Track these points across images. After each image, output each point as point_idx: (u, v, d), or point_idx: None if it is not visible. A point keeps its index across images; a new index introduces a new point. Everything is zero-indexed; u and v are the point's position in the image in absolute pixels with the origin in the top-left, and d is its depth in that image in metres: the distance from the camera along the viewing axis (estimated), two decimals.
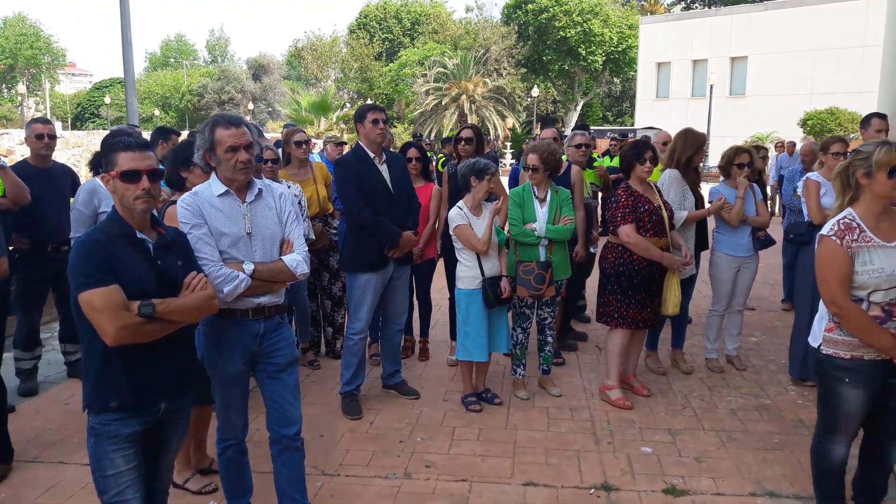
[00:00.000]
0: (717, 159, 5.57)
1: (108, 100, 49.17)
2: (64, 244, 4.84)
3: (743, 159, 5.11)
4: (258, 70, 57.62)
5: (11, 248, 4.68)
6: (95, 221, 4.27)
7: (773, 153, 14.28)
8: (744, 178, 5.08)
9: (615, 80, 46.14)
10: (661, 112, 33.03)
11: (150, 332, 2.40)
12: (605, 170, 6.39)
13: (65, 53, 63.10)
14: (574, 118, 42.62)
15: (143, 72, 65.99)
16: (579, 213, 5.38)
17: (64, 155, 19.51)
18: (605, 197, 6.51)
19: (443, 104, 37.30)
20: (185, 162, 3.44)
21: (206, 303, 2.56)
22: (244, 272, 2.82)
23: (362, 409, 4.54)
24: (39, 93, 57.06)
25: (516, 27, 42.08)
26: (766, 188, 7.74)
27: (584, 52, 41.09)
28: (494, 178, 4.63)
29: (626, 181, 4.73)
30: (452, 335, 5.46)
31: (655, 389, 4.96)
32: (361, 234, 4.40)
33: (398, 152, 5.18)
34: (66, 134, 24.17)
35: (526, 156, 4.87)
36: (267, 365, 3.00)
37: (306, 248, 3.06)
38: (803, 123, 25.77)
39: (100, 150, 4.22)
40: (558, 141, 6.03)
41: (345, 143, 7.42)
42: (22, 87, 44.87)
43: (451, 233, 4.61)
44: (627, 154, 4.70)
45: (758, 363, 5.56)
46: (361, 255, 4.43)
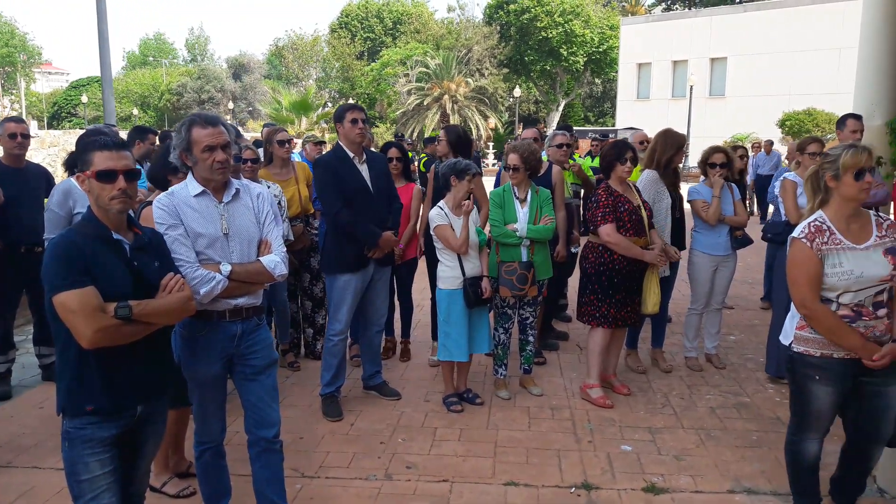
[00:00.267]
0: (697, 159, 5.62)
1: (85, 99, 48.53)
2: (38, 245, 4.77)
3: (716, 159, 5.16)
4: (238, 69, 57.17)
5: None
6: (70, 223, 4.21)
7: (751, 153, 14.41)
8: (719, 177, 5.13)
9: (596, 80, 46.38)
10: (641, 113, 33.22)
11: (127, 335, 2.37)
12: (579, 166, 6.41)
13: (40, 52, 62.14)
14: (556, 118, 42.80)
15: (122, 70, 65.20)
16: (560, 213, 5.40)
17: (40, 155, 19.24)
18: (587, 194, 6.53)
19: (425, 104, 37.27)
20: (175, 169, 3.38)
21: (184, 304, 2.53)
22: (221, 273, 2.79)
23: (343, 410, 4.51)
24: (14, 91, 56.13)
25: (498, 27, 42.15)
26: (745, 188, 7.80)
27: (565, 53, 41.26)
28: (476, 181, 4.63)
29: (605, 181, 4.75)
30: (434, 336, 5.45)
31: (635, 388, 4.98)
32: (341, 235, 4.37)
33: (379, 152, 5.16)
34: (42, 133, 23.84)
35: (506, 156, 4.88)
36: (244, 367, 2.97)
37: (284, 248, 3.03)
38: (781, 124, 26.07)
39: (75, 149, 4.15)
40: (539, 141, 6.05)
41: (324, 143, 7.38)
42: None
43: (431, 232, 4.60)
44: (608, 154, 4.72)
45: (736, 361, 5.61)
46: (341, 256, 4.40)
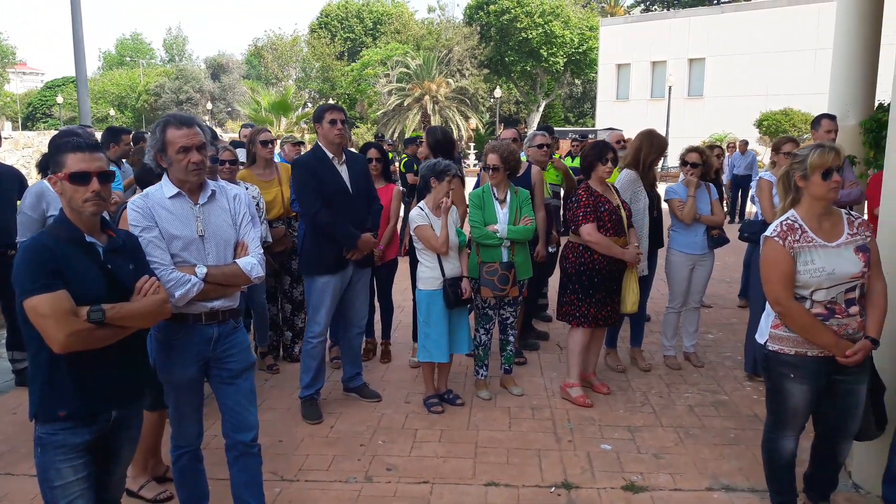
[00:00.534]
0: (676, 160, 5.66)
1: (60, 99, 47.85)
2: (10, 248, 4.68)
3: (690, 158, 5.21)
4: (217, 69, 56.67)
5: None
6: (44, 225, 4.15)
7: (727, 153, 14.53)
8: (693, 177, 5.18)
9: (576, 81, 46.57)
10: (621, 113, 33.43)
11: (101, 339, 2.34)
12: (566, 167, 6.45)
13: (14, 52, 61.22)
14: (537, 119, 42.95)
15: (98, 71, 64.39)
16: (540, 213, 5.41)
17: (14, 156, 18.93)
18: (567, 194, 6.58)
19: (406, 105, 37.22)
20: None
21: (159, 307, 2.51)
22: (196, 276, 2.76)
23: (322, 413, 4.49)
24: None
25: (478, 28, 42.19)
26: (722, 187, 7.88)
27: (545, 54, 41.41)
28: (455, 183, 4.63)
29: (586, 181, 4.77)
30: (415, 337, 5.45)
31: (615, 387, 5.01)
32: (319, 236, 4.35)
33: (359, 153, 5.14)
34: (16, 134, 23.46)
35: (485, 156, 4.88)
36: (221, 370, 2.94)
37: (261, 250, 3.01)
38: (759, 124, 26.40)
39: (47, 150, 4.09)
40: (518, 141, 6.06)
41: (303, 143, 7.33)
42: None
43: (411, 233, 4.59)
44: (589, 154, 4.74)
45: (714, 360, 5.66)
46: (320, 258, 4.37)
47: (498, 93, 39.30)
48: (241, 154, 5.45)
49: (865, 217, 4.99)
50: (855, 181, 5.49)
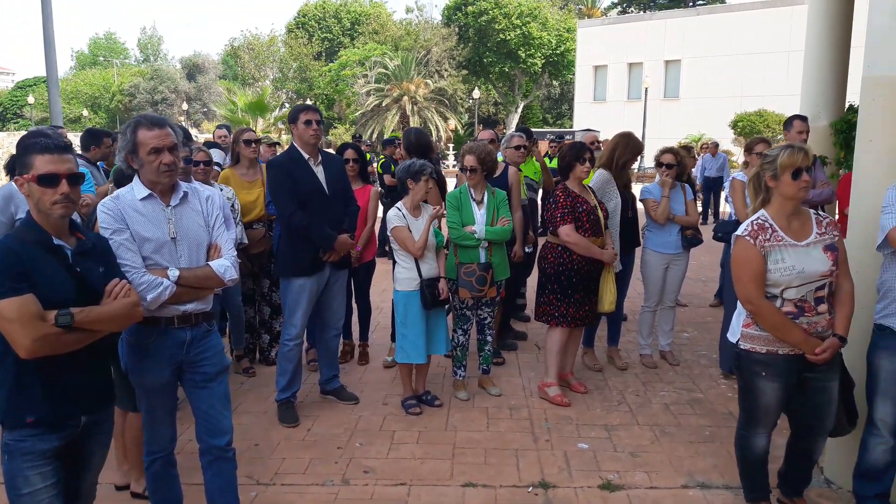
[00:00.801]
0: (652, 161, 5.71)
1: (31, 99, 47.14)
2: None
3: (664, 159, 5.27)
4: (193, 69, 56.11)
5: None
6: (12, 228, 4.07)
7: (700, 155, 14.68)
8: (668, 177, 5.24)
9: (554, 82, 46.80)
10: (598, 114, 33.68)
11: (69, 343, 2.30)
12: (544, 165, 6.48)
13: None
14: (515, 120, 43.09)
15: (71, 71, 63.48)
16: (517, 214, 5.43)
17: None
18: (545, 190, 6.63)
19: (384, 105, 37.14)
20: None
21: (130, 311, 2.47)
22: (169, 279, 2.73)
23: (299, 416, 4.45)
24: None
25: (456, 29, 42.25)
26: (695, 188, 7.97)
27: (523, 55, 41.57)
28: (432, 184, 4.62)
29: (563, 182, 4.79)
30: (393, 337, 5.43)
31: (592, 386, 5.04)
32: (295, 238, 4.32)
33: (335, 153, 5.12)
34: None
35: (462, 157, 4.88)
36: (194, 374, 2.90)
37: (235, 252, 2.98)
38: (734, 125, 26.72)
39: (15, 151, 4.01)
40: (496, 142, 6.08)
41: (278, 144, 7.27)
42: None
43: (388, 234, 4.58)
44: (567, 155, 4.76)
45: (690, 358, 5.72)
46: (295, 259, 4.34)
47: (476, 94, 39.37)
48: (216, 155, 5.40)
49: (837, 217, 5.09)
50: (826, 181, 5.57)
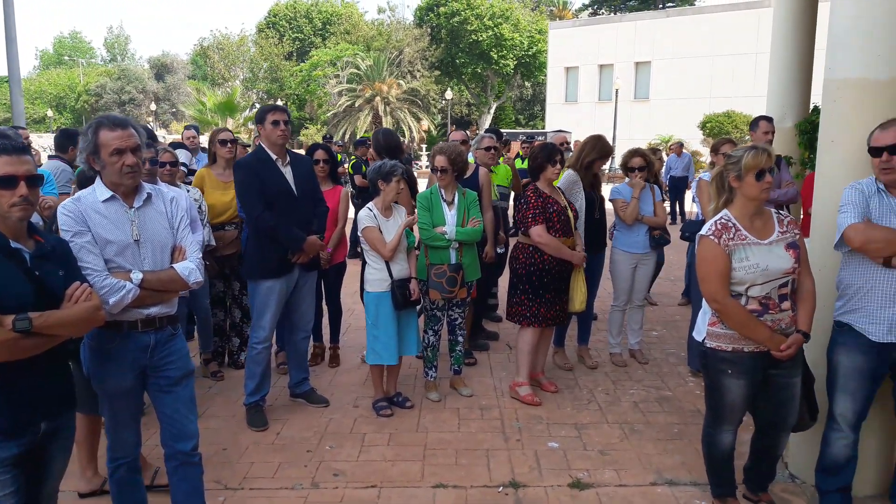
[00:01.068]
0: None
1: None
2: None
3: (636, 163, 5.33)
4: (161, 69, 55.35)
5: None
6: None
7: (666, 155, 14.85)
8: (639, 179, 5.29)
9: (526, 83, 47.06)
10: (570, 115, 33.93)
11: (27, 348, 2.24)
12: (512, 161, 6.52)
13: None
14: (488, 121, 43.23)
15: (34, 70, 62.21)
16: (488, 215, 5.45)
17: None
18: (516, 193, 6.66)
19: (356, 105, 37.02)
20: None
21: (91, 314, 2.41)
22: (132, 282, 2.68)
23: (268, 419, 4.40)
24: None
25: (429, 30, 42.26)
26: (664, 189, 8.07)
27: (495, 56, 41.73)
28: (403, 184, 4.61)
29: (534, 183, 4.81)
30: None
31: (563, 385, 5.07)
32: (263, 239, 4.27)
33: (305, 154, 5.08)
34: None
35: (433, 158, 4.88)
36: (159, 379, 2.86)
37: (200, 255, 2.94)
38: (702, 126, 27.15)
39: None
40: (467, 143, 6.09)
41: (247, 146, 7.20)
42: None
43: (359, 234, 4.56)
44: (538, 156, 4.77)
45: (659, 356, 5.78)
46: (263, 261, 4.29)
47: (449, 94, 39.42)
48: (182, 156, 5.32)
49: (802, 216, 5.19)
50: (791, 181, 5.68)
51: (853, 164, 3.31)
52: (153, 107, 46.23)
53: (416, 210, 4.89)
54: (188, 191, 4.75)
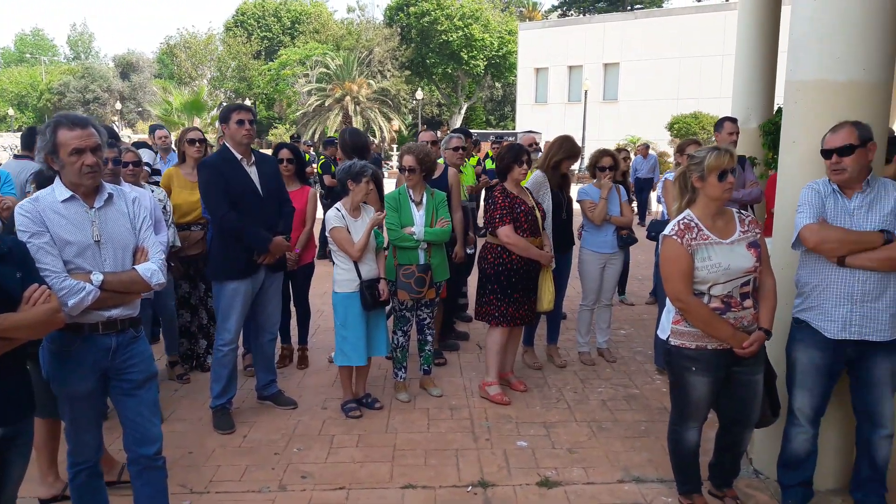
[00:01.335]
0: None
1: None
2: None
3: (605, 162, 5.37)
4: (126, 68, 54.33)
5: None
6: None
7: (633, 156, 15.01)
8: (608, 179, 5.34)
9: (497, 84, 47.22)
10: (540, 116, 34.12)
11: None
12: (480, 170, 6.54)
13: None
14: (459, 121, 43.26)
15: None
16: (457, 215, 5.45)
17: None
18: (474, 192, 6.71)
19: (326, 105, 36.77)
20: None
21: (50, 317, 2.36)
22: (92, 283, 2.62)
23: (235, 422, 4.35)
24: None
25: (399, 29, 42.16)
26: (630, 189, 8.15)
27: (466, 57, 41.78)
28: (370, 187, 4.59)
29: (501, 184, 4.83)
30: None
31: (532, 384, 5.09)
32: (228, 240, 4.21)
33: (271, 154, 5.03)
34: None
35: (401, 157, 4.87)
36: (121, 382, 2.81)
37: (163, 256, 2.89)
38: (670, 127, 27.48)
39: None
40: (436, 144, 6.08)
41: (211, 146, 7.10)
42: None
43: (326, 234, 4.53)
44: (506, 157, 4.79)
45: (627, 355, 5.84)
46: (229, 262, 4.23)
47: (420, 94, 39.38)
48: (146, 155, 5.24)
49: (766, 216, 5.28)
50: (755, 181, 5.77)
51: (814, 165, 3.36)
52: (118, 106, 45.39)
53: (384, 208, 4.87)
54: (153, 191, 4.67)
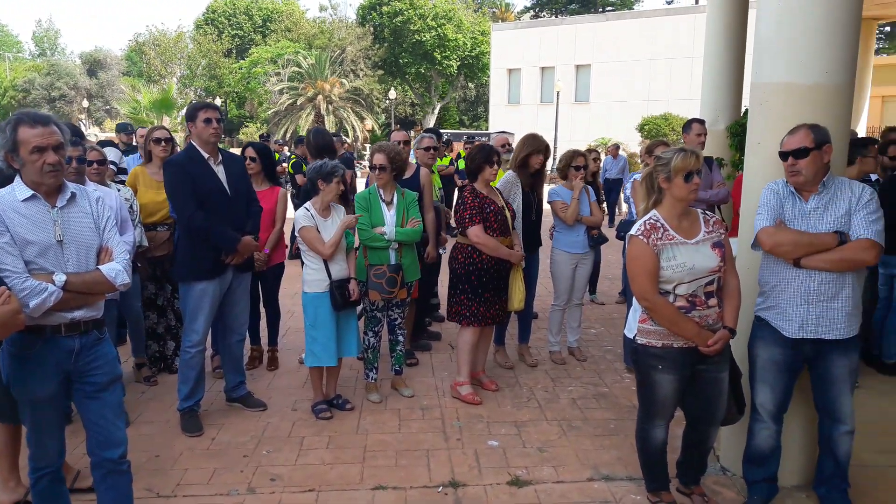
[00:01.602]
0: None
1: None
2: None
3: (579, 162, 5.41)
4: (94, 65, 53.28)
5: None
6: None
7: (603, 156, 15.14)
8: (580, 180, 5.38)
9: (470, 84, 47.30)
10: (513, 117, 34.24)
11: None
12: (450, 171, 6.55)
13: None
14: (432, 121, 43.27)
15: None
16: (429, 215, 5.45)
17: None
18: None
19: (298, 104, 36.53)
20: None
21: (10, 319, 2.32)
22: (54, 284, 2.57)
23: (203, 424, 4.29)
24: None
25: (372, 29, 42.02)
26: (600, 190, 8.23)
27: (439, 57, 41.79)
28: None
29: (471, 184, 4.83)
30: None
31: (503, 384, 5.11)
32: (195, 240, 4.16)
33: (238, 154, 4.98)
34: None
35: (372, 155, 4.86)
36: (84, 385, 2.75)
37: (128, 256, 2.84)
38: (640, 128, 27.80)
39: None
40: (408, 144, 6.07)
41: (177, 146, 7.00)
42: None
43: (296, 234, 4.49)
44: (477, 157, 4.79)
45: (597, 353, 5.89)
46: (196, 263, 4.18)
47: (393, 94, 39.31)
48: (111, 154, 5.14)
49: (733, 216, 5.36)
50: (722, 182, 5.86)
51: (778, 166, 3.39)
52: (85, 104, 44.53)
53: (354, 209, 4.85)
54: (119, 190, 4.59)
